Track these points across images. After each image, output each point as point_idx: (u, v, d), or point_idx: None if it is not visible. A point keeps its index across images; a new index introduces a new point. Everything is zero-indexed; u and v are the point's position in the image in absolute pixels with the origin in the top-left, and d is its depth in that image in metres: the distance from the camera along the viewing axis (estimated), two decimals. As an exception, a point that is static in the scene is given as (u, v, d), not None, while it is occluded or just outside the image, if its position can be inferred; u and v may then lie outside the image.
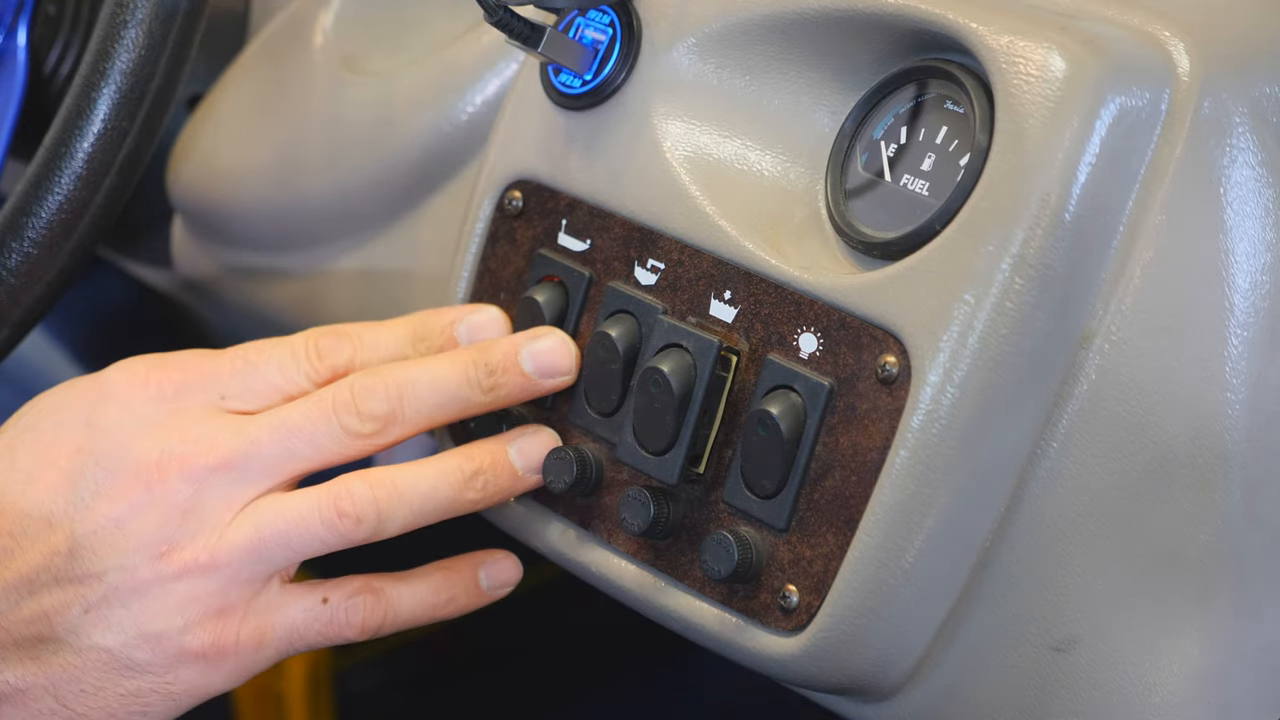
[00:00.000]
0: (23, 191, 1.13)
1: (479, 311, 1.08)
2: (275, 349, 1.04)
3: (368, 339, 1.05)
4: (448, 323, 1.07)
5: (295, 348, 1.04)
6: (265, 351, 1.04)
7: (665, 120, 1.06)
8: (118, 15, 1.12)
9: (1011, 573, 0.99)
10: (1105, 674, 0.97)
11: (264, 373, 1.03)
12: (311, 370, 1.04)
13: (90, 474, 1.00)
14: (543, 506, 1.09)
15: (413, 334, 1.06)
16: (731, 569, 0.99)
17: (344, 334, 1.05)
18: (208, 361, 1.03)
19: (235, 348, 1.04)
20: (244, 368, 1.03)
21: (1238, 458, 0.95)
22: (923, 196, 0.99)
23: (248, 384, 1.03)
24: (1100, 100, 0.94)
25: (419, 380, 1.03)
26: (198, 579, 1.00)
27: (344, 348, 1.04)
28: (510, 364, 1.05)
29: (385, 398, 1.02)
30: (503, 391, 1.05)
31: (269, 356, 1.04)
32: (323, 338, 1.05)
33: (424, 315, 1.07)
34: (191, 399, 1.02)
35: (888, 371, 0.96)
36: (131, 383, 1.02)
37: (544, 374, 1.06)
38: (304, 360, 1.04)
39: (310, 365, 1.04)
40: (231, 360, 1.03)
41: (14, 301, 1.14)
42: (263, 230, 1.32)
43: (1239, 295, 0.95)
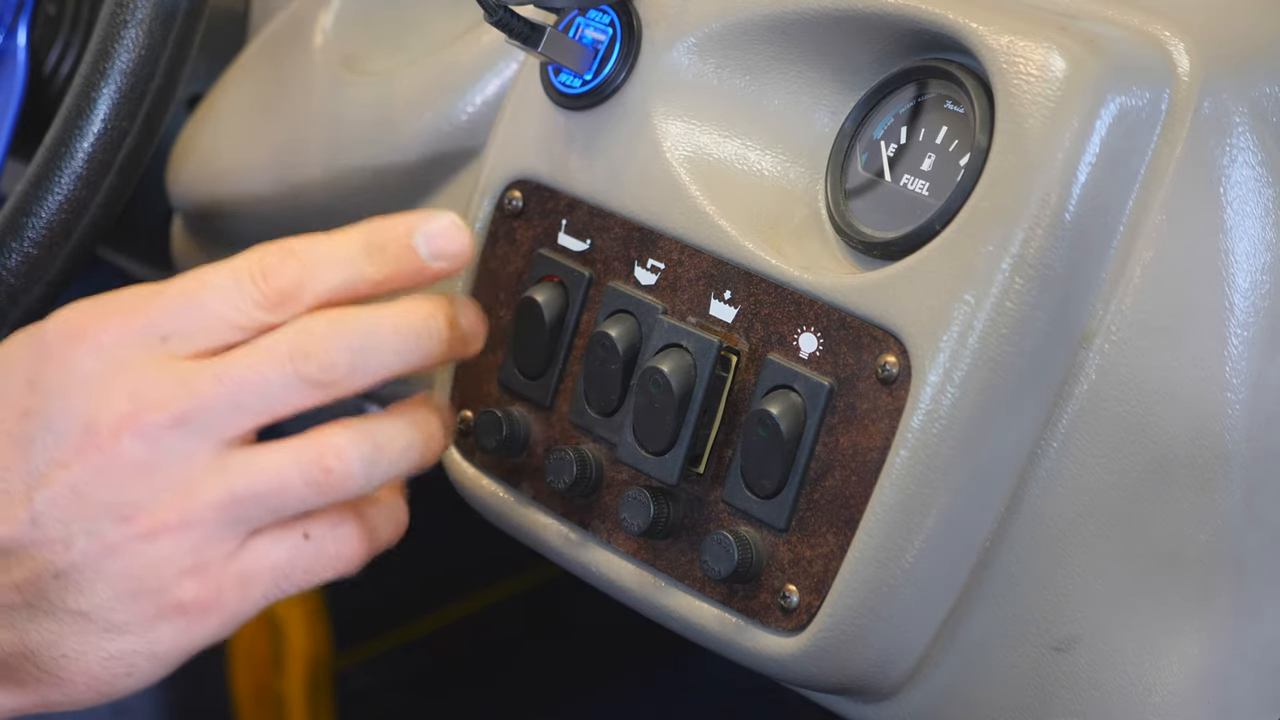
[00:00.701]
0: (23, 191, 1.13)
1: (435, 219, 1.00)
2: (215, 275, 0.96)
3: (317, 254, 0.97)
4: (403, 232, 0.99)
5: (238, 272, 0.96)
6: (205, 279, 0.96)
7: (665, 120, 1.06)
8: (118, 15, 1.12)
9: (1011, 573, 0.99)
10: (1105, 674, 0.97)
11: (206, 304, 0.96)
12: (258, 294, 0.96)
13: (40, 439, 0.95)
14: (543, 506, 1.09)
15: (366, 244, 0.98)
16: (731, 569, 0.99)
17: (290, 250, 0.97)
18: (145, 302, 0.96)
19: (174, 279, 0.96)
20: (183, 302, 0.96)
21: (1238, 458, 0.95)
22: (923, 196, 0.99)
23: (190, 321, 0.96)
24: (1100, 100, 0.94)
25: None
26: (168, 539, 0.95)
27: (290, 266, 0.96)
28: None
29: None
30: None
31: (209, 284, 0.96)
32: (268, 256, 0.96)
33: (377, 224, 1.00)
34: (132, 347, 0.96)
35: (888, 371, 0.96)
36: (69, 336, 0.96)
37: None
38: (248, 284, 0.96)
39: (256, 289, 0.96)
40: (169, 296, 0.96)
41: (14, 301, 1.14)
42: (263, 230, 1.31)
43: (1239, 295, 0.95)
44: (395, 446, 0.98)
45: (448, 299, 1.00)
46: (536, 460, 1.09)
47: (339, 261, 0.97)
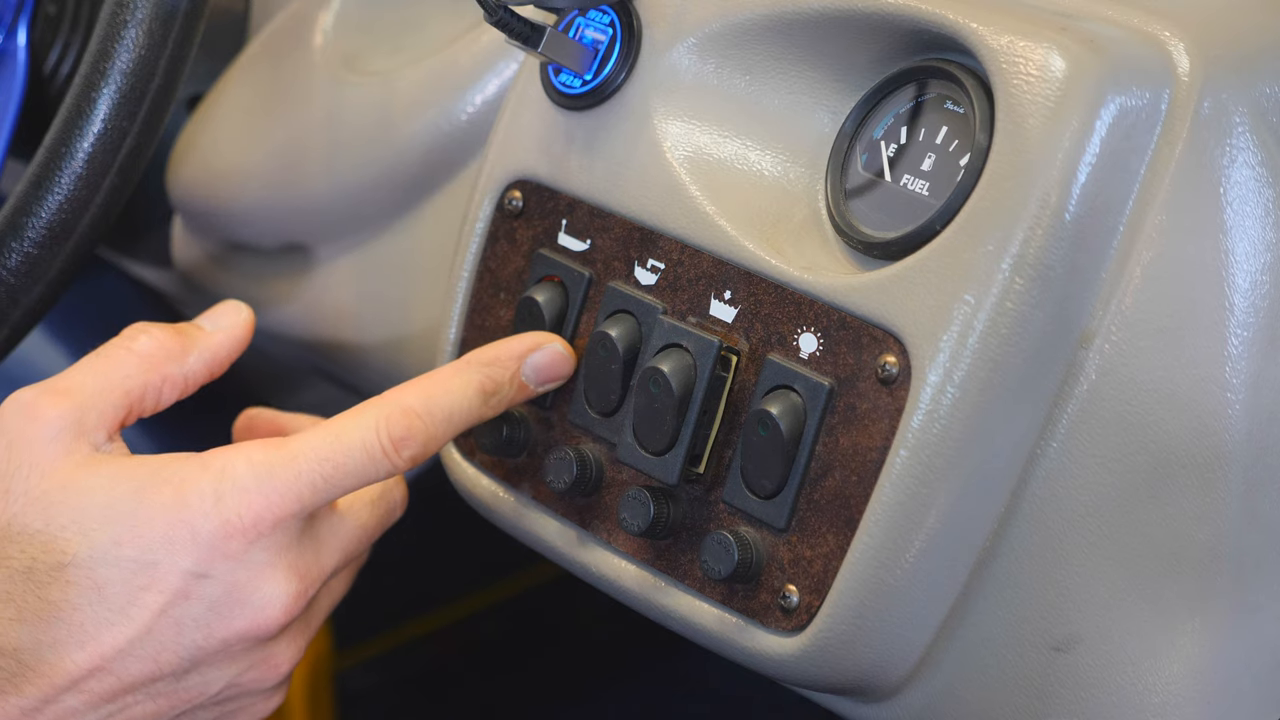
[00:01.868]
0: (23, 191, 1.13)
1: (541, 349, 1.07)
2: (348, 457, 1.01)
3: (439, 413, 1.03)
4: (515, 369, 1.06)
5: (370, 450, 1.01)
6: (340, 466, 1.01)
7: (665, 120, 1.06)
8: (118, 15, 1.12)
9: (1011, 573, 0.99)
10: (1105, 674, 0.97)
11: (345, 485, 1.01)
12: (392, 467, 1.02)
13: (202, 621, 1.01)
14: (543, 506, 1.09)
15: (481, 390, 1.04)
16: (731, 569, 0.99)
17: (413, 415, 1.02)
18: (290, 491, 1.00)
19: (305, 453, 1.01)
20: (323, 488, 1.01)
21: (1238, 458, 0.95)
22: (923, 196, 0.99)
23: (330, 497, 1.01)
24: (1100, 100, 0.94)
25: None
26: None
27: (417, 433, 1.02)
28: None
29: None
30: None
31: (345, 470, 1.01)
32: (394, 426, 1.02)
33: (489, 368, 1.05)
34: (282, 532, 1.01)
35: (888, 371, 0.96)
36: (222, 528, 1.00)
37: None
38: (383, 461, 1.01)
39: (390, 463, 1.01)
40: (311, 483, 1.00)
41: (14, 301, 1.14)
42: (263, 230, 1.32)
43: (1239, 295, 0.95)
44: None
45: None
46: (536, 460, 1.09)
47: (460, 414, 1.04)
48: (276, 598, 1.01)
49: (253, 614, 1.01)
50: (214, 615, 1.00)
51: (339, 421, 1.02)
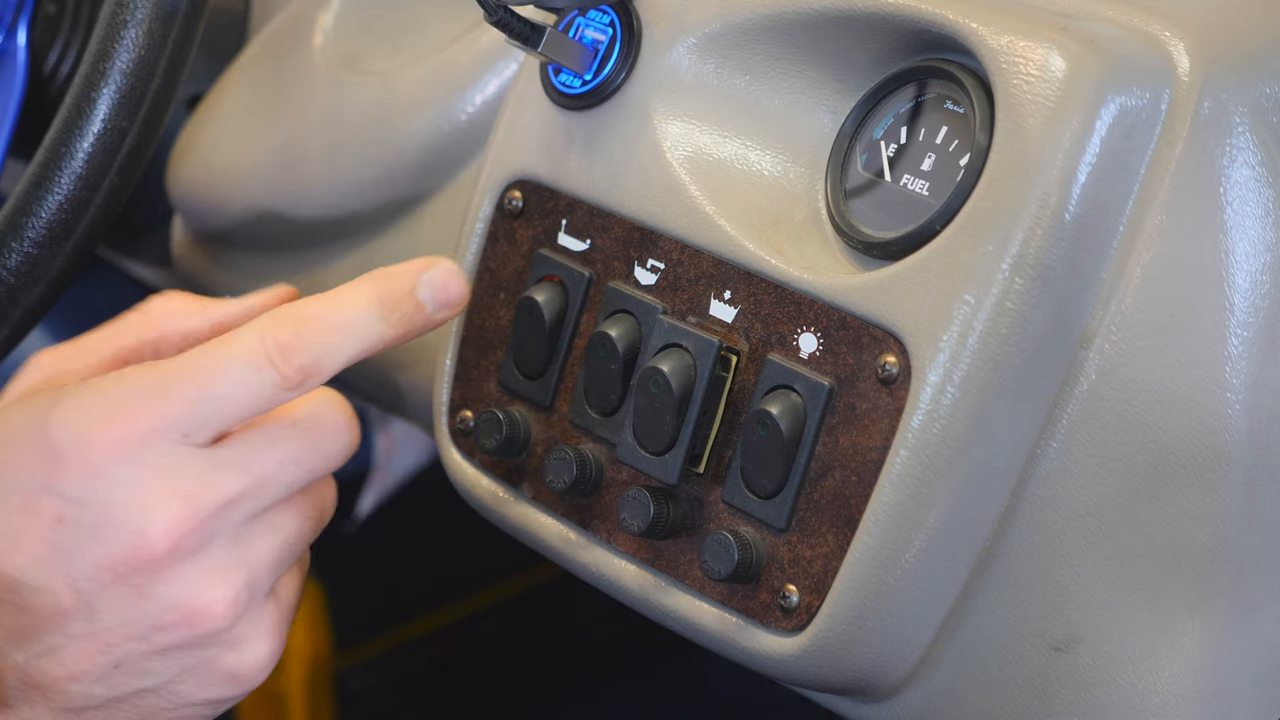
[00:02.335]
0: (23, 191, 1.13)
1: (435, 267, 1.00)
2: (228, 365, 0.95)
3: (335, 324, 0.97)
4: (409, 286, 0.99)
5: (254, 356, 0.95)
6: (218, 374, 0.95)
7: (665, 120, 1.06)
8: (118, 15, 1.12)
9: (1011, 573, 0.99)
10: (1105, 674, 0.97)
11: (225, 395, 0.95)
12: (279, 377, 0.95)
13: (83, 547, 0.96)
14: (543, 506, 1.09)
15: (379, 305, 0.98)
16: (731, 569, 0.99)
17: (305, 320, 0.96)
18: (160, 399, 0.95)
19: (179, 369, 0.95)
20: (199, 396, 0.95)
21: (1238, 458, 0.95)
22: (923, 196, 0.99)
23: (210, 413, 0.95)
24: (1100, 100, 0.94)
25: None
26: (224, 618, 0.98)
27: (309, 341, 0.96)
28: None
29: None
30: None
31: (226, 375, 0.95)
32: (280, 331, 0.95)
33: (384, 280, 0.99)
34: (157, 447, 0.96)
35: (888, 371, 0.96)
36: (88, 443, 0.95)
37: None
38: (268, 369, 0.95)
39: (277, 372, 0.95)
40: (185, 390, 0.95)
41: (14, 301, 1.14)
42: (263, 230, 1.32)
43: (1239, 295, 0.95)
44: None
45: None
46: (536, 460, 1.09)
47: (356, 329, 0.97)
48: (155, 520, 0.95)
49: (130, 537, 0.95)
50: (93, 540, 0.95)
51: (225, 335, 0.96)
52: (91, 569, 0.96)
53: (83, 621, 0.97)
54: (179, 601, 0.97)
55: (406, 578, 1.97)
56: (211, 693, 1.00)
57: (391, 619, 2.00)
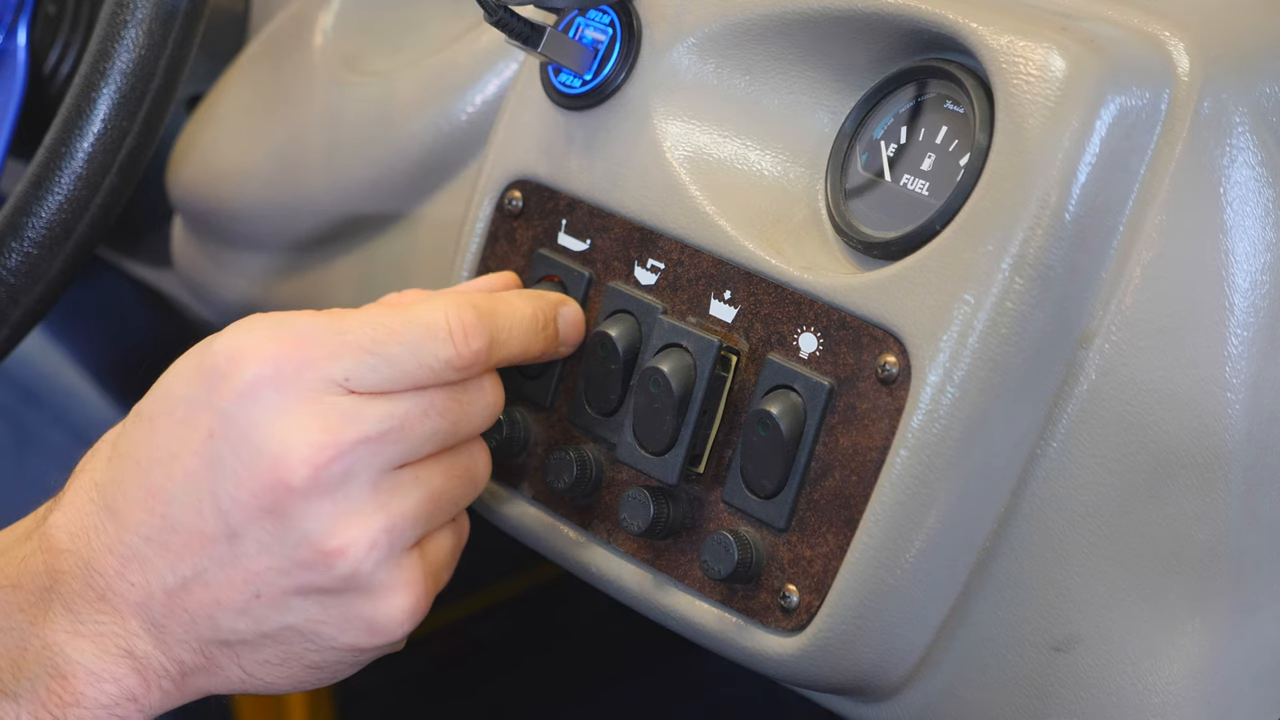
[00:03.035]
0: (23, 191, 1.13)
1: (567, 304, 1.06)
2: (411, 329, 0.98)
3: (509, 321, 1.01)
4: (555, 314, 1.05)
5: (435, 328, 0.98)
6: (398, 333, 0.98)
7: (665, 120, 1.06)
8: (118, 15, 1.12)
9: (1011, 573, 0.99)
10: (1105, 674, 0.97)
11: (397, 359, 0.97)
12: (454, 355, 0.98)
13: (228, 465, 0.97)
14: (543, 506, 1.09)
15: (537, 320, 1.03)
16: (731, 569, 0.99)
17: (491, 313, 1.00)
18: (333, 338, 0.98)
19: (363, 318, 0.98)
20: (372, 351, 0.97)
21: (1238, 458, 0.95)
22: (923, 196, 0.99)
23: (377, 372, 0.98)
24: (1100, 100, 0.94)
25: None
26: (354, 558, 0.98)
27: (488, 330, 0.99)
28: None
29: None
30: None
31: (405, 339, 0.98)
32: (464, 313, 0.98)
33: (536, 300, 1.04)
34: (314, 383, 0.97)
35: (888, 371, 0.96)
36: (244, 359, 0.97)
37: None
38: (447, 343, 0.98)
39: (454, 350, 0.98)
40: (359, 339, 0.98)
41: (14, 301, 1.14)
42: (263, 230, 1.32)
43: (1239, 295, 0.95)
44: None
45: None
46: (536, 460, 1.09)
47: (523, 331, 1.02)
48: (295, 447, 0.96)
49: (270, 461, 0.96)
50: (237, 460, 0.97)
51: (412, 303, 0.99)
52: (234, 491, 0.97)
53: (226, 546, 0.98)
54: (316, 537, 0.97)
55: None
56: (352, 638, 1.00)
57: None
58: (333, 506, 0.97)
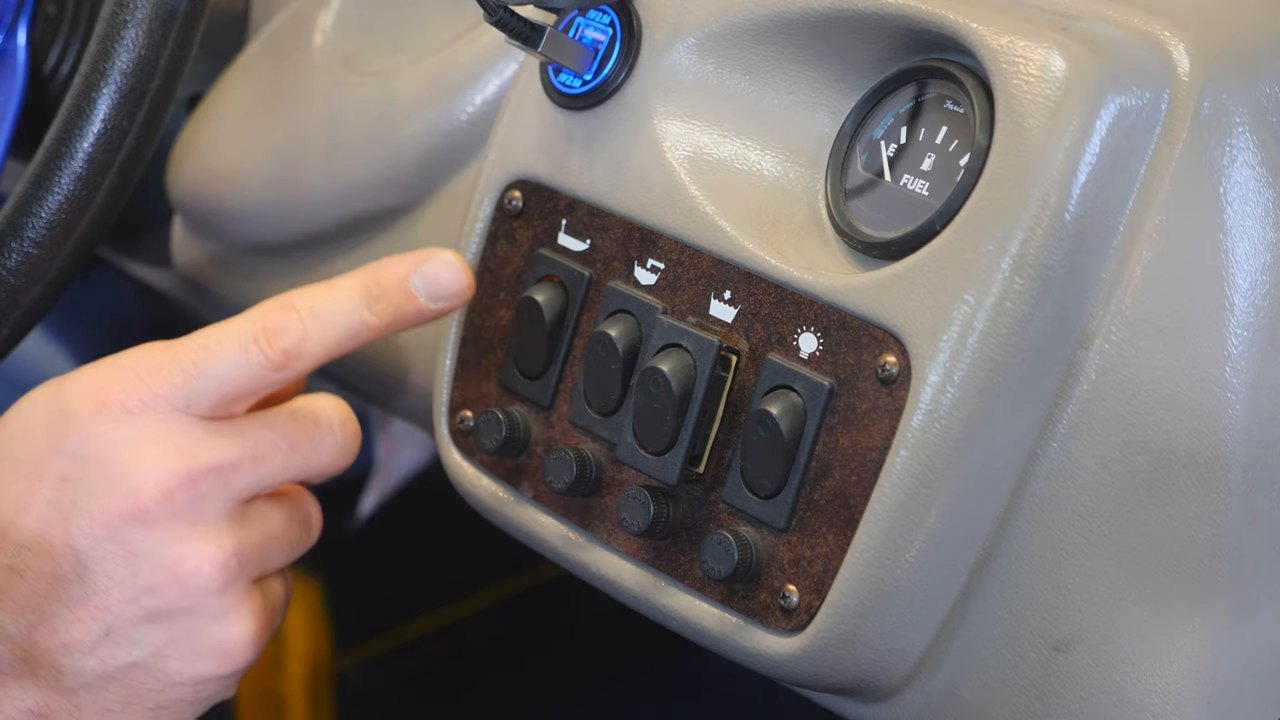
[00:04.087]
0: (23, 191, 1.13)
1: (432, 259, 1.05)
2: (221, 343, 1.01)
3: (318, 310, 1.02)
4: (402, 276, 1.04)
5: (243, 338, 1.01)
6: (212, 349, 1.01)
7: (665, 120, 1.06)
8: (118, 15, 1.12)
9: (1011, 573, 0.99)
10: (1105, 674, 0.97)
11: (216, 373, 1.01)
12: (263, 358, 1.01)
13: (81, 504, 1.00)
14: (543, 506, 1.09)
15: (366, 294, 1.03)
16: (731, 569, 0.99)
17: (291, 306, 1.02)
18: (161, 369, 1.01)
19: (183, 346, 1.01)
20: (195, 371, 1.01)
21: (1238, 458, 0.95)
22: (923, 196, 0.99)
23: (205, 388, 1.01)
24: (1100, 100, 0.94)
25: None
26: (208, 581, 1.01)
27: (293, 324, 1.02)
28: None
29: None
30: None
31: (217, 354, 1.01)
32: (268, 317, 1.01)
33: (376, 270, 1.04)
34: (159, 412, 1.01)
35: (888, 371, 0.96)
36: (95, 403, 1.01)
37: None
38: (254, 349, 1.01)
39: (262, 353, 1.01)
40: (182, 364, 1.01)
41: (14, 301, 1.14)
42: (263, 230, 1.32)
43: (1239, 295, 0.95)
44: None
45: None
46: (536, 460, 1.09)
47: (340, 313, 1.02)
48: (150, 471, 0.99)
49: (125, 488, 0.99)
50: (91, 496, 1.00)
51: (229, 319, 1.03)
52: (89, 523, 0.99)
53: (76, 584, 1.00)
54: (169, 560, 1.00)
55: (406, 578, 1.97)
56: (198, 668, 1.02)
57: (391, 619, 1.99)
58: (187, 529, 1.00)
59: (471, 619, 2.01)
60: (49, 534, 1.00)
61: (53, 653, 1.00)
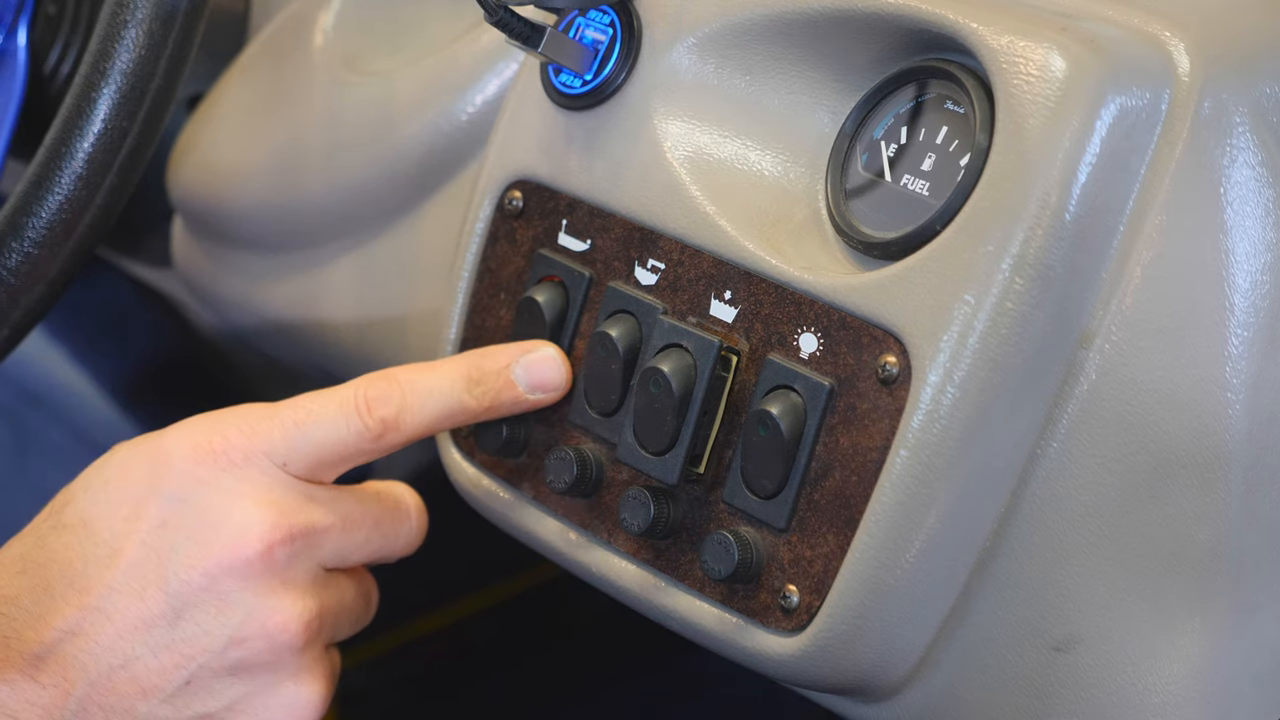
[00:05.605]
0: (23, 191, 1.13)
1: (535, 350, 1.07)
2: (324, 409, 1.04)
3: (419, 387, 1.05)
4: (504, 365, 1.07)
5: (345, 405, 1.04)
6: (314, 412, 1.04)
7: (665, 120, 1.06)
8: (118, 15, 1.12)
9: (1011, 573, 0.99)
10: (1105, 674, 0.97)
11: (315, 437, 1.03)
12: (362, 427, 1.04)
13: (181, 549, 1.01)
14: (543, 506, 1.09)
15: (467, 378, 1.06)
16: (731, 569, 0.99)
17: (395, 380, 1.05)
18: (264, 426, 1.03)
19: (286, 407, 1.04)
20: (296, 433, 1.03)
21: (1238, 458, 0.95)
22: (923, 196, 0.99)
23: (303, 450, 1.03)
24: (1100, 100, 0.94)
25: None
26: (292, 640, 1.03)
27: (393, 398, 1.04)
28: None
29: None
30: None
31: (319, 419, 1.03)
32: (371, 387, 1.04)
33: (478, 357, 1.07)
34: (259, 467, 1.03)
35: (888, 371, 0.96)
36: (198, 452, 1.02)
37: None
38: (355, 419, 1.03)
39: (362, 423, 1.04)
40: (284, 424, 1.03)
41: (14, 301, 1.14)
42: (263, 230, 1.32)
43: (1239, 295, 0.95)
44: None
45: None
46: (536, 460, 1.09)
47: (441, 393, 1.05)
48: (253, 524, 1.01)
49: (227, 538, 1.01)
50: (191, 542, 1.01)
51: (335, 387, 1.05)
52: (185, 569, 1.01)
53: (165, 630, 1.01)
54: (260, 613, 1.02)
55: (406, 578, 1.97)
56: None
57: (391, 619, 1.99)
58: (279, 585, 1.02)
59: (471, 619, 2.01)
60: (143, 577, 1.01)
61: (130, 698, 1.01)
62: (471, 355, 1.07)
